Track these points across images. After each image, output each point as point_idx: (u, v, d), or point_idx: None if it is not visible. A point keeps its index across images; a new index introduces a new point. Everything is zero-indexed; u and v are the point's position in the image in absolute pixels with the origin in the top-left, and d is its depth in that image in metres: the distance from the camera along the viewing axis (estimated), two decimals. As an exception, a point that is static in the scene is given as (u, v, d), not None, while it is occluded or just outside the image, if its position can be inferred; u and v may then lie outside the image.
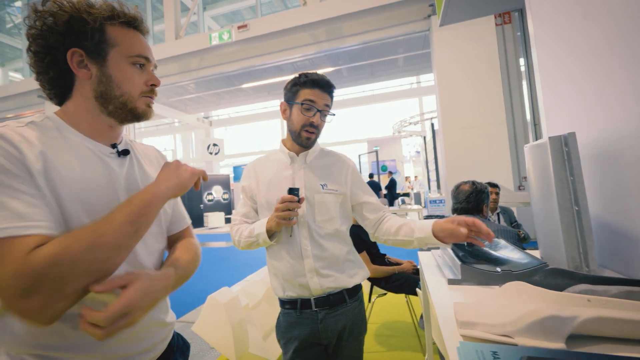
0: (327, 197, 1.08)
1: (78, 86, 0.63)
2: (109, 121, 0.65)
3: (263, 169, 1.15)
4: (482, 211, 1.63)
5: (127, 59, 0.64)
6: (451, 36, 5.45)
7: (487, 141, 5.31)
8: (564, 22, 1.04)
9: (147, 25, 0.69)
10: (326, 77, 1.08)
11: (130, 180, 0.68)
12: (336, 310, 1.07)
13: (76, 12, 0.60)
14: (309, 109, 1.05)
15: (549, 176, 0.82)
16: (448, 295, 0.71)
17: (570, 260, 0.79)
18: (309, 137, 1.07)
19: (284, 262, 1.07)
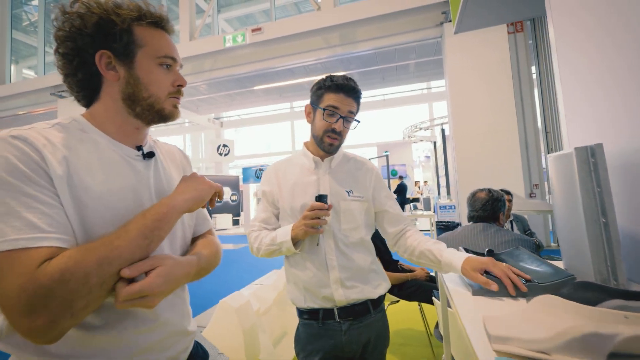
0: (353, 205, 1.05)
1: (106, 88, 0.62)
2: (136, 123, 0.65)
3: (285, 173, 1.11)
4: (498, 219, 1.61)
5: (155, 60, 0.63)
6: (463, 43, 5.44)
7: (498, 148, 5.29)
8: (585, 30, 1.03)
9: (172, 25, 0.69)
10: (353, 81, 1.04)
11: (156, 183, 0.67)
12: (361, 321, 1.02)
13: (105, 13, 0.59)
14: (331, 114, 1.02)
15: (575, 187, 0.81)
16: (474, 307, 0.70)
17: (597, 273, 0.77)
18: (332, 144, 1.03)
19: (307, 272, 1.02)
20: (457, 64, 5.58)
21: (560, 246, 0.95)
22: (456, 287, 0.87)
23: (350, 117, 1.04)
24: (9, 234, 0.46)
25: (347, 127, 1.04)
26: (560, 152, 0.90)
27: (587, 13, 1.01)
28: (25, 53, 10.80)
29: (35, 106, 9.30)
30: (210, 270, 0.72)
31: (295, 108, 15.30)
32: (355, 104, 1.04)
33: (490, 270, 0.80)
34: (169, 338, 0.64)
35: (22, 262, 0.46)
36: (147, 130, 0.70)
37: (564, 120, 1.22)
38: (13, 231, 0.46)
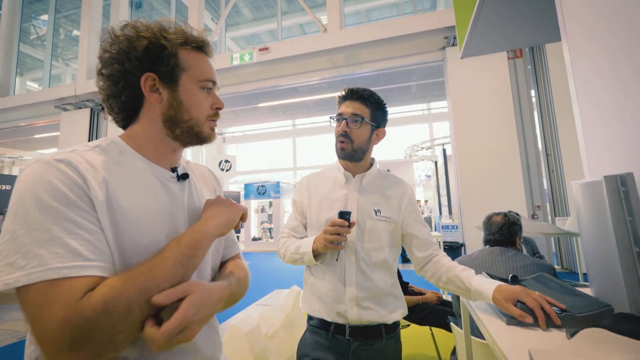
0: (379, 225, 1.05)
1: (146, 110, 0.63)
2: (174, 144, 0.66)
3: (316, 185, 1.13)
4: (515, 243, 1.60)
5: (197, 83, 0.64)
6: (465, 67, 5.59)
7: (500, 169, 5.35)
8: (601, 55, 1.05)
9: (212, 49, 0.71)
10: (355, 88, 1.08)
11: (190, 206, 0.67)
12: (371, 344, 1.01)
13: (154, 37, 0.60)
14: (338, 120, 1.08)
15: (605, 216, 0.81)
16: (512, 339, 0.68)
17: (633, 303, 0.76)
18: (343, 148, 1.06)
19: (324, 284, 1.03)
20: (459, 87, 5.71)
21: (589, 275, 0.94)
22: (487, 315, 0.85)
23: (356, 118, 1.05)
24: (51, 262, 0.45)
25: (353, 128, 1.05)
26: (587, 180, 0.91)
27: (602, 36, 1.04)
28: (31, 65, 10.98)
29: (37, 118, 9.34)
30: (242, 295, 0.71)
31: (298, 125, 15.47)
32: (362, 105, 1.06)
33: (523, 301, 0.78)
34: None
35: (65, 293, 0.44)
36: (182, 151, 0.71)
37: (584, 146, 1.23)
38: (56, 259, 0.45)
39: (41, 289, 0.44)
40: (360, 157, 1.09)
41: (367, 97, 1.07)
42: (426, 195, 13.30)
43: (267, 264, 7.58)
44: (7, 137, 11.59)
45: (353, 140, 1.06)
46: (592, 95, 1.16)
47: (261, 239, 10.63)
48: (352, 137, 1.06)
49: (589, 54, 1.14)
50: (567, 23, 1.29)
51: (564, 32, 1.32)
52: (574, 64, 1.27)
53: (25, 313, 0.45)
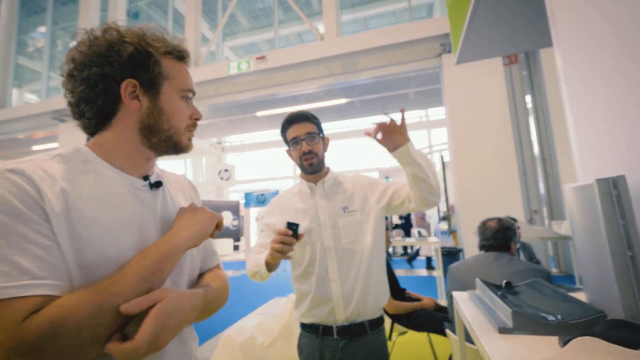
0: (351, 219, 1.16)
1: (121, 116, 0.60)
2: (148, 153, 0.63)
3: (286, 203, 1.25)
4: (510, 248, 1.58)
5: (179, 93, 0.63)
6: (461, 74, 5.64)
7: (497, 174, 5.38)
8: (595, 56, 1.05)
9: (191, 58, 0.70)
10: (299, 112, 1.21)
11: (164, 215, 0.64)
12: (357, 340, 1.10)
13: (140, 45, 0.59)
14: (295, 143, 1.19)
15: (598, 220, 0.80)
16: (502, 347, 0.66)
17: (627, 309, 0.74)
18: (311, 163, 1.18)
19: (310, 288, 1.13)
20: (456, 94, 5.75)
21: (583, 279, 0.92)
22: (479, 323, 0.83)
23: (311, 136, 1.18)
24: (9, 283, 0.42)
25: (312, 144, 1.18)
26: (579, 184, 0.89)
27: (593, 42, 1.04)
28: (29, 77, 11.01)
29: (35, 130, 9.36)
30: (220, 306, 0.69)
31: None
32: (309, 124, 1.19)
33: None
34: None
35: (7, 315, 0.41)
36: (156, 160, 0.68)
37: (576, 150, 1.23)
38: (1, 277, 0.42)
39: None
40: (322, 166, 1.23)
41: (310, 116, 1.21)
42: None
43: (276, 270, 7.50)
44: (5, 149, 11.61)
45: (317, 153, 1.19)
46: (584, 99, 1.16)
47: (260, 247, 10.56)
48: (316, 151, 1.19)
49: (580, 59, 1.15)
50: (558, 29, 1.29)
51: (555, 38, 1.33)
52: (565, 70, 1.27)
53: None
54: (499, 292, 0.93)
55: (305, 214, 1.18)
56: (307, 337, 1.17)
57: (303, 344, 1.19)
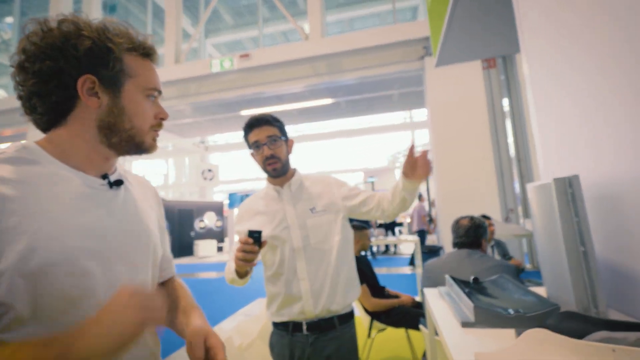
0: (319, 219, 1.17)
1: (78, 113, 0.57)
2: (108, 153, 0.61)
3: (253, 208, 1.25)
4: (481, 245, 1.63)
5: (143, 92, 0.61)
6: (443, 77, 5.77)
7: (475, 175, 5.54)
8: (559, 62, 1.10)
9: (158, 55, 0.67)
10: (260, 115, 1.19)
11: (124, 215, 0.62)
12: (325, 335, 1.13)
13: (99, 39, 0.56)
14: (257, 147, 1.18)
15: (554, 217, 0.84)
16: (463, 340, 0.69)
17: (579, 301, 0.79)
18: (274, 168, 1.18)
19: (281, 286, 1.15)
20: (438, 96, 5.89)
21: (542, 274, 0.97)
22: (444, 316, 0.86)
23: (272, 139, 1.17)
24: None
25: (274, 148, 1.17)
26: (539, 183, 0.94)
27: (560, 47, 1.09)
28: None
29: (3, 127, 8.81)
30: None
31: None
32: (271, 127, 1.18)
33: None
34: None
35: None
36: (116, 159, 0.65)
37: (540, 151, 1.28)
38: None
39: None
40: (287, 169, 1.22)
41: (270, 119, 1.19)
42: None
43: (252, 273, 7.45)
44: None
45: (280, 157, 1.19)
46: (547, 103, 1.21)
47: (244, 247, 10.48)
48: (278, 155, 1.18)
49: (546, 65, 1.20)
50: (525, 36, 1.35)
51: (522, 44, 1.38)
52: (531, 74, 1.33)
53: None
54: (466, 287, 0.97)
55: (273, 218, 1.19)
56: (277, 335, 1.19)
57: (274, 342, 1.21)
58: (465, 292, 0.90)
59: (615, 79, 0.82)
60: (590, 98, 0.93)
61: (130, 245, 0.61)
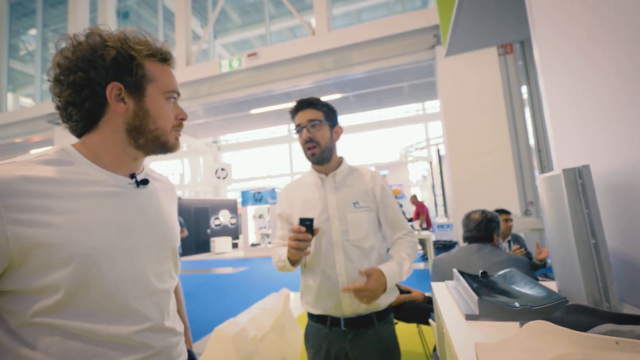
0: (361, 215, 1.12)
1: (107, 119, 0.63)
2: (136, 154, 0.67)
3: (295, 193, 1.21)
4: (492, 240, 1.60)
5: (164, 94, 0.66)
6: (455, 65, 5.61)
7: (492, 167, 5.35)
8: (571, 49, 1.06)
9: (175, 60, 0.73)
10: (306, 98, 1.16)
11: (150, 212, 0.68)
12: (364, 332, 1.10)
13: (122, 48, 0.61)
14: (298, 131, 1.16)
15: (564, 209, 0.82)
16: (466, 332, 0.69)
17: (589, 295, 0.77)
18: (313, 153, 1.13)
19: (317, 281, 1.11)
20: (450, 86, 5.73)
21: (553, 267, 0.94)
22: (450, 309, 0.85)
23: (313, 123, 1.13)
24: None
25: (314, 132, 1.13)
26: (549, 174, 0.91)
27: (572, 34, 1.05)
28: (23, 81, 10.97)
29: (31, 134, 9.33)
30: None
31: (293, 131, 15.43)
32: (314, 111, 1.14)
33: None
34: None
35: None
36: (144, 159, 0.71)
37: (552, 141, 1.25)
38: None
39: None
40: (328, 156, 1.17)
41: (315, 102, 1.16)
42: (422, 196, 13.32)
43: (265, 269, 7.57)
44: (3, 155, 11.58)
45: (319, 142, 1.14)
46: (560, 91, 1.17)
47: (259, 244, 10.63)
48: (318, 140, 1.13)
49: (558, 52, 1.16)
50: (536, 22, 1.30)
51: (533, 31, 1.34)
52: (542, 62, 1.29)
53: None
54: (474, 281, 0.95)
55: (314, 206, 1.14)
56: (314, 327, 1.16)
57: (310, 333, 1.18)
58: (472, 285, 0.89)
59: (628, 66, 0.79)
60: (603, 86, 0.89)
61: (154, 239, 0.67)
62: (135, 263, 0.62)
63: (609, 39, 0.84)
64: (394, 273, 1.07)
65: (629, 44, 0.77)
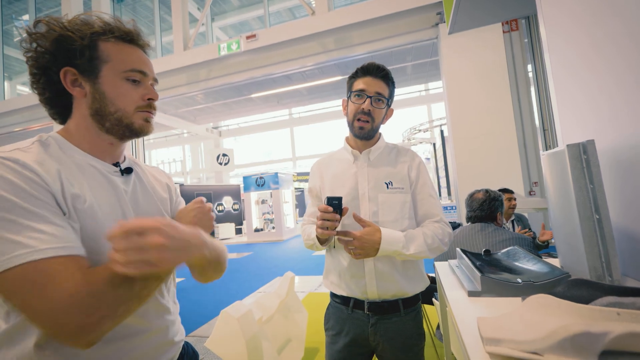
0: (393, 197, 1.05)
1: (76, 105, 0.63)
2: (109, 138, 0.65)
3: (327, 168, 1.14)
4: (495, 219, 1.60)
5: (121, 74, 0.63)
6: (459, 44, 5.46)
7: (496, 147, 5.29)
8: (577, 27, 1.03)
9: (145, 39, 0.68)
10: (381, 65, 1.05)
11: (134, 200, 0.68)
12: (389, 318, 1.04)
13: (63, 30, 0.59)
14: (358, 95, 1.04)
15: (568, 184, 0.81)
16: (469, 308, 0.69)
17: (592, 270, 0.77)
18: (362, 127, 1.04)
19: (343, 261, 1.06)
20: (454, 65, 5.60)
21: (556, 243, 0.94)
22: (453, 287, 0.86)
23: (380, 97, 1.04)
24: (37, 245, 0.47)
25: (377, 107, 1.04)
26: (553, 150, 0.90)
27: (578, 9, 1.02)
28: (19, 69, 10.81)
29: (30, 122, 9.27)
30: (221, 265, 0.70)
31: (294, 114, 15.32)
32: (385, 85, 1.05)
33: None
34: (154, 350, 0.65)
35: (68, 268, 0.47)
36: (123, 146, 0.70)
37: (557, 118, 1.23)
38: (42, 242, 0.47)
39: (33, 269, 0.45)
40: (374, 135, 1.09)
41: (390, 77, 1.06)
42: (426, 177, 13.31)
43: (269, 254, 7.67)
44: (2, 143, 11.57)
45: (375, 119, 1.05)
46: (566, 68, 1.15)
47: (263, 229, 10.74)
48: (375, 116, 1.05)
49: (563, 28, 1.12)
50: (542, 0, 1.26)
51: (539, 5, 1.30)
52: (549, 38, 1.25)
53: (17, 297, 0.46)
54: (477, 260, 0.96)
55: (343, 184, 1.07)
56: (336, 308, 1.11)
57: (331, 314, 1.12)
58: (475, 263, 0.89)
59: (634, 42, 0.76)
60: (609, 63, 0.87)
61: None
62: None
63: (615, 13, 0.81)
64: (394, 239, 0.97)
65: (636, 22, 0.74)
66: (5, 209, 0.47)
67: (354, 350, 1.07)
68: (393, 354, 1.05)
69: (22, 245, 0.46)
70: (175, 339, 0.70)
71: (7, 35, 9.95)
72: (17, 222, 0.47)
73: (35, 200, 0.50)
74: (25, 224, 0.47)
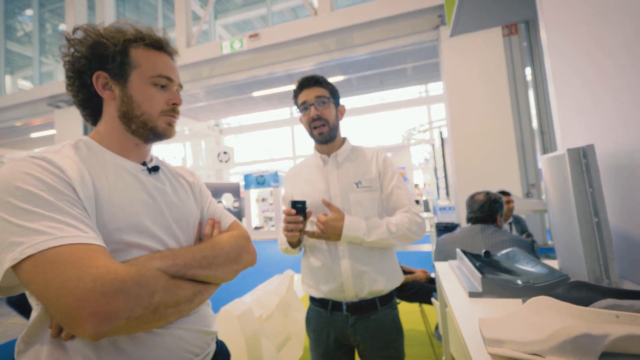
0: (363, 195, 1.10)
1: (106, 107, 0.68)
2: (135, 140, 0.69)
3: (299, 175, 1.20)
4: (496, 221, 1.62)
5: (148, 80, 0.67)
6: (460, 46, 5.49)
7: (495, 149, 5.34)
8: (577, 30, 1.04)
9: (174, 47, 0.73)
10: (308, 75, 1.12)
11: (162, 197, 0.70)
12: (367, 317, 1.08)
13: (98, 37, 0.64)
14: (304, 108, 1.12)
15: (568, 188, 0.82)
16: (470, 309, 0.71)
17: (590, 272, 0.78)
18: (321, 132, 1.11)
19: (320, 263, 1.09)
20: (454, 67, 5.63)
21: (555, 246, 0.96)
22: (453, 288, 0.88)
23: (322, 100, 1.10)
24: (57, 233, 0.48)
25: (323, 109, 1.10)
26: (553, 154, 0.91)
27: (579, 14, 1.03)
28: (21, 63, 10.76)
29: (31, 117, 9.25)
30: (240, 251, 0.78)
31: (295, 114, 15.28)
32: (321, 88, 1.11)
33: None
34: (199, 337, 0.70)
35: (93, 255, 0.49)
36: (149, 147, 0.74)
37: (557, 122, 1.24)
38: (66, 231, 0.49)
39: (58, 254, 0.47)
40: (334, 135, 1.14)
41: (322, 80, 1.13)
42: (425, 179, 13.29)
43: (269, 252, 7.68)
44: (4, 138, 11.56)
45: (328, 120, 1.11)
46: (567, 72, 1.16)
47: (263, 227, 10.75)
48: (326, 117, 1.11)
49: (564, 31, 1.14)
50: (544, 3, 1.27)
51: (540, 10, 1.31)
52: (549, 42, 1.26)
53: (41, 285, 0.46)
54: (477, 261, 0.97)
55: (316, 187, 1.13)
56: (315, 311, 1.15)
57: (311, 317, 1.17)
58: (476, 264, 0.90)
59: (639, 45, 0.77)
60: (611, 67, 0.88)
61: (169, 219, 0.69)
62: (152, 240, 0.64)
63: (618, 16, 0.82)
64: (356, 226, 1.03)
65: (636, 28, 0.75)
66: (29, 201, 0.49)
67: (336, 350, 1.12)
68: (374, 352, 1.09)
69: (45, 233, 0.48)
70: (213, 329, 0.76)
71: (9, 30, 9.93)
72: (40, 213, 0.49)
73: (59, 194, 0.52)
74: (49, 215, 0.49)
